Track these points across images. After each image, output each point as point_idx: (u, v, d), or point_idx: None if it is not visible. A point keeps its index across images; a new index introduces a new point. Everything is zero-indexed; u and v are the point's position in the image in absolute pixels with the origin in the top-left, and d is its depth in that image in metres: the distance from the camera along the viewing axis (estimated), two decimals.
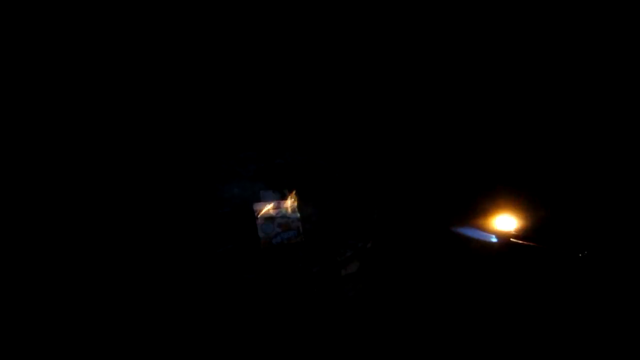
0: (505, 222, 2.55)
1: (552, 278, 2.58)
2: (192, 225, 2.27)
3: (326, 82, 3.85)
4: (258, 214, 2.22)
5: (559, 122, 3.50)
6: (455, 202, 3.06)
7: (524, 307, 2.47)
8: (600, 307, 2.45)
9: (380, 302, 2.43)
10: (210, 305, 2.20)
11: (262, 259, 2.13)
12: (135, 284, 2.45)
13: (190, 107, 3.66)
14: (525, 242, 2.42)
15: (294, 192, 2.42)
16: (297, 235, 2.22)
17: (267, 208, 2.25)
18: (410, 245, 2.79)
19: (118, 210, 2.87)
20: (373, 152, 3.45)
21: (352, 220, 2.36)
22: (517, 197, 2.97)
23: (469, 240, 2.56)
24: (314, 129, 3.55)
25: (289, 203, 2.28)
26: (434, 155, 3.47)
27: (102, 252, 2.59)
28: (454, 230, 2.64)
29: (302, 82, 3.83)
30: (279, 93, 3.77)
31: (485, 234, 2.52)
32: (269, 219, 2.21)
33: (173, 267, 2.27)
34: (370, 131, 3.61)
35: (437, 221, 2.90)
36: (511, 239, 2.47)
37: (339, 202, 2.45)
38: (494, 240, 2.50)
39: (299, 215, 2.25)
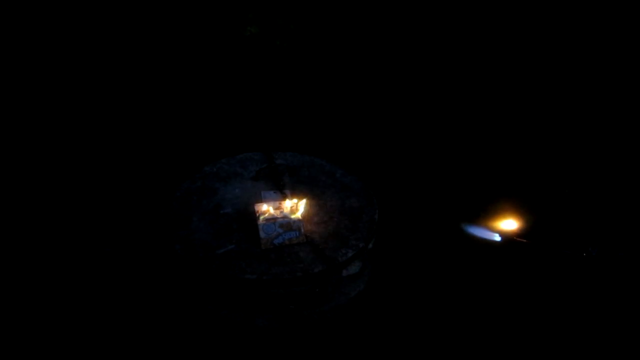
0: (509, 221, 2.53)
1: (555, 277, 2.56)
2: (193, 225, 2.27)
3: (327, 82, 3.85)
4: (259, 214, 2.21)
5: (562, 124, 3.49)
6: (459, 202, 3.05)
7: (527, 306, 2.46)
8: (604, 306, 2.43)
9: (382, 303, 2.42)
10: (211, 306, 2.20)
11: (264, 260, 2.13)
12: (136, 284, 2.46)
13: (192, 108, 3.67)
14: (528, 242, 2.40)
15: (295, 192, 2.41)
16: (299, 235, 2.21)
17: (269, 208, 2.24)
18: (413, 245, 2.78)
19: (117, 209, 2.89)
20: (375, 151, 3.44)
21: (354, 221, 2.35)
22: (521, 197, 2.95)
23: (473, 239, 2.54)
24: (315, 129, 3.55)
25: (291, 203, 2.27)
26: (436, 154, 3.45)
27: (101, 253, 2.61)
28: (458, 229, 2.63)
29: (303, 83, 3.83)
30: (280, 94, 3.77)
31: (489, 232, 2.51)
32: (270, 219, 2.20)
33: (174, 268, 2.28)
34: (372, 131, 3.61)
35: (439, 221, 2.89)
36: (515, 238, 2.45)
37: (340, 202, 2.45)
38: (498, 239, 2.48)
39: (300, 215, 2.24)
